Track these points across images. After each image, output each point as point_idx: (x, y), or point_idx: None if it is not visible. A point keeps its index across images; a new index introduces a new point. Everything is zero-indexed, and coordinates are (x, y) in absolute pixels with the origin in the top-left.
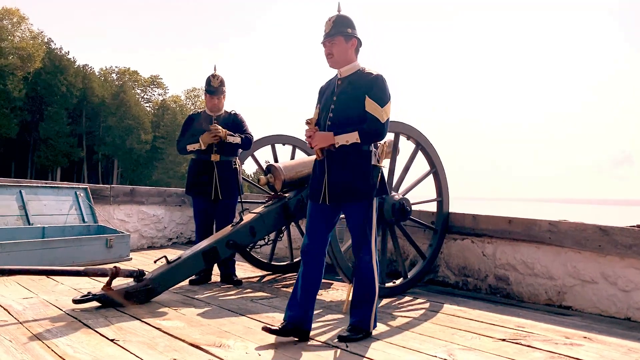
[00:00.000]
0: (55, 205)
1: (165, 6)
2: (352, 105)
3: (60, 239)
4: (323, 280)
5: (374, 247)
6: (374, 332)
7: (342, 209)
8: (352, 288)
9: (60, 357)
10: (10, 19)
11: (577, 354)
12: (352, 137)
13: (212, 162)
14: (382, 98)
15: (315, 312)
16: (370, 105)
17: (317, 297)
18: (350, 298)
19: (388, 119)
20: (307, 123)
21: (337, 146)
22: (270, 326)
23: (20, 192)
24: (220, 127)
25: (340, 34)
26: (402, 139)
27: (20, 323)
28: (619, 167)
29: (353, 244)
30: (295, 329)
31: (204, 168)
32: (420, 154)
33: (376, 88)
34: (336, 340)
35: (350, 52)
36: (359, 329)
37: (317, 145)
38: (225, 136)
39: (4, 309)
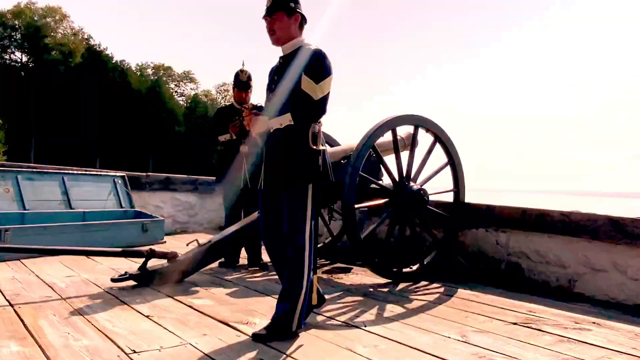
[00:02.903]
0: (95, 191)
1: (200, 4)
2: (289, 85)
3: (99, 223)
4: (343, 265)
5: (307, 236)
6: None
7: (283, 194)
8: (317, 279)
9: (100, 330)
10: (53, 17)
11: (586, 338)
12: (285, 120)
13: (242, 153)
14: (319, 74)
15: (335, 294)
16: (305, 83)
17: (338, 280)
18: (316, 289)
19: (325, 97)
20: (244, 108)
21: (272, 130)
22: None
23: (62, 178)
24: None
25: (281, 8)
26: (421, 132)
27: (63, 299)
28: (632, 162)
29: (287, 231)
30: None
31: (233, 158)
32: (438, 146)
33: (312, 64)
34: (355, 319)
35: (293, 28)
36: (277, 327)
37: (255, 131)
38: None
39: (49, 286)
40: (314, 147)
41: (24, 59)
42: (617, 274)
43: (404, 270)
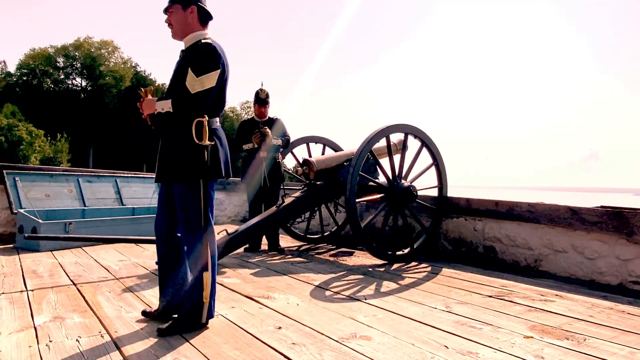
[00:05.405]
0: (142, 190)
1: (225, 32)
2: (180, 78)
3: (146, 217)
4: (346, 249)
5: (203, 234)
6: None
7: (174, 189)
8: (207, 276)
9: (147, 304)
10: (107, 49)
11: (550, 307)
12: (166, 105)
13: (261, 158)
14: (202, 67)
15: (340, 273)
16: (188, 77)
17: (343, 262)
18: (208, 289)
19: (205, 91)
20: (140, 91)
21: (155, 113)
22: (146, 310)
23: (115, 180)
24: (269, 130)
25: (177, 1)
26: (410, 138)
27: (117, 279)
28: (587, 162)
29: (180, 228)
30: (174, 308)
31: (255, 162)
32: (424, 150)
33: (198, 58)
34: (357, 294)
35: (190, 21)
36: (185, 319)
37: (144, 112)
38: (271, 139)
39: (105, 268)
40: (199, 142)
41: (83, 83)
42: (575, 254)
43: (397, 253)
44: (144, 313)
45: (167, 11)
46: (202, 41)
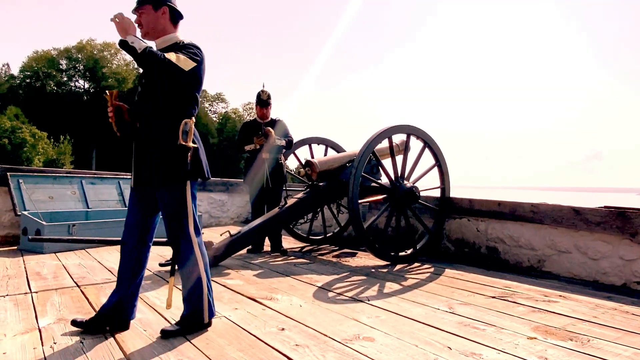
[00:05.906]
0: None
1: (227, 34)
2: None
3: None
4: (349, 250)
5: (192, 235)
6: (368, 295)
7: (156, 194)
8: (173, 280)
9: (150, 306)
10: (109, 51)
11: (554, 308)
12: (140, 46)
13: (264, 159)
14: (186, 53)
15: (343, 274)
16: (171, 54)
17: (345, 263)
18: (171, 293)
19: (187, 70)
20: (105, 95)
21: (124, 37)
22: (77, 319)
23: (118, 182)
24: (272, 131)
25: (148, 2)
26: (412, 139)
27: None
28: (590, 162)
29: (168, 233)
30: (109, 317)
31: (257, 163)
32: (427, 151)
33: (183, 48)
34: (360, 295)
35: (162, 22)
36: (189, 322)
37: (115, 21)
38: (274, 139)
39: (108, 270)
40: (184, 143)
41: (86, 85)
42: (579, 254)
43: (400, 254)
44: (73, 322)
45: (137, 11)
46: (185, 42)
